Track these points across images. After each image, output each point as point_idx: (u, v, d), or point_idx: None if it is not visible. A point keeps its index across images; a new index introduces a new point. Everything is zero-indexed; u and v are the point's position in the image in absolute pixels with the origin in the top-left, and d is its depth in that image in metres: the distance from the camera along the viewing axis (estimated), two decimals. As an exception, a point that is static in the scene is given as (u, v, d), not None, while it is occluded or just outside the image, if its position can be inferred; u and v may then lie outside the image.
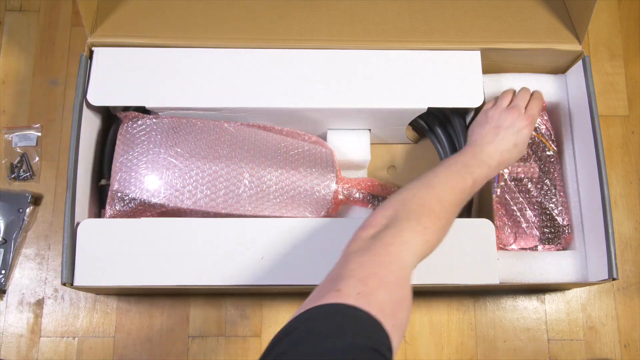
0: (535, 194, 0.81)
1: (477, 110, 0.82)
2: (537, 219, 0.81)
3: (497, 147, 0.70)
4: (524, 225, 0.80)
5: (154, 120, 0.77)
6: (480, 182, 0.66)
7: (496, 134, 0.71)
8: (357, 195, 0.81)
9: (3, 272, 0.86)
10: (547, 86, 0.84)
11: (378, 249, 0.51)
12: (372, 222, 0.56)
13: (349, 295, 0.45)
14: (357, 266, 0.49)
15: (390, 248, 0.51)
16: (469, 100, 0.79)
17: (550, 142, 0.83)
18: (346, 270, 0.49)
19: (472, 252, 0.73)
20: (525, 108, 0.77)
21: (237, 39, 0.80)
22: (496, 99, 0.79)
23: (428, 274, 0.72)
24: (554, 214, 0.81)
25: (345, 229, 0.71)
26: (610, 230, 0.74)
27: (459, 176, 0.63)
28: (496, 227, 0.78)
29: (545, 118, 0.84)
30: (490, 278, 0.72)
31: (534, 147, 0.83)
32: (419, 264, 0.72)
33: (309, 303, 0.45)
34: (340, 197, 0.80)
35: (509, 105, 0.77)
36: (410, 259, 0.52)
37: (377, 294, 0.46)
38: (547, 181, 0.82)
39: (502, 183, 0.81)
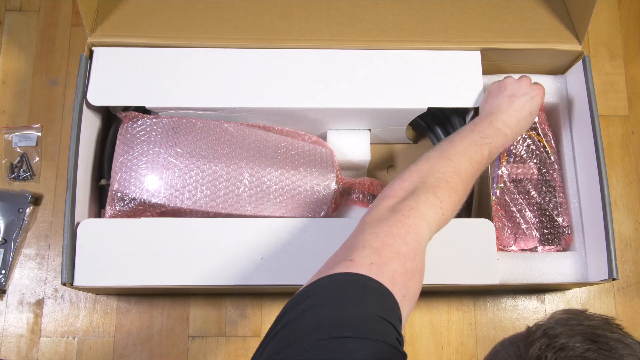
0: (534, 195, 0.81)
1: (477, 110, 0.82)
2: (537, 220, 0.80)
3: (513, 115, 0.70)
4: (523, 226, 0.80)
5: (154, 120, 0.77)
6: (496, 152, 0.67)
7: (511, 102, 0.71)
8: (357, 195, 0.81)
9: (3, 272, 0.86)
10: (546, 87, 0.84)
11: (394, 220, 0.52)
12: (390, 193, 0.56)
13: (362, 265, 0.46)
14: (372, 237, 0.50)
15: (407, 220, 0.52)
16: (469, 100, 0.79)
17: (549, 143, 0.83)
18: (361, 240, 0.50)
19: (472, 252, 0.73)
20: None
21: (237, 39, 0.80)
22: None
23: (428, 274, 0.72)
24: (554, 215, 0.80)
25: (345, 229, 0.71)
26: (610, 230, 0.74)
27: (476, 147, 0.64)
28: (496, 228, 0.78)
29: (544, 118, 0.84)
30: (490, 278, 0.72)
31: (533, 148, 0.83)
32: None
33: (324, 271, 0.47)
34: (340, 197, 0.80)
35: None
36: (426, 231, 0.53)
37: (390, 264, 0.47)
38: (546, 182, 0.82)
39: (502, 184, 0.80)
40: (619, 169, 0.94)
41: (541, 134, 0.83)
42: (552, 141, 0.83)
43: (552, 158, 0.82)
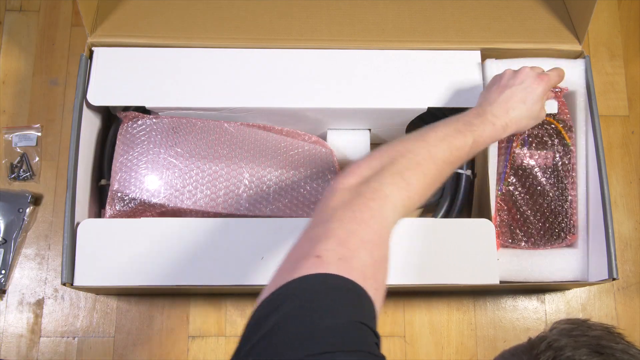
0: (544, 188, 0.78)
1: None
2: (542, 216, 0.78)
3: (502, 105, 0.66)
4: (527, 222, 0.79)
5: (154, 120, 0.77)
6: (482, 142, 0.63)
7: (501, 92, 0.68)
8: (357, 195, 0.81)
9: (3, 272, 0.86)
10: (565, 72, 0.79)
11: (358, 204, 0.49)
12: (355, 170, 0.53)
13: (330, 262, 0.43)
14: (336, 224, 0.47)
15: (371, 203, 0.49)
16: (469, 100, 0.79)
17: (567, 133, 0.78)
18: (324, 229, 0.47)
19: (472, 252, 0.73)
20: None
21: (237, 39, 0.80)
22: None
23: (428, 274, 0.72)
24: (561, 211, 0.78)
25: (345, 229, 0.71)
26: (610, 230, 0.74)
27: (458, 133, 0.60)
28: (498, 224, 0.77)
29: (561, 106, 0.78)
30: (490, 278, 0.72)
31: (550, 136, 0.77)
32: (414, 264, 0.72)
33: (290, 267, 0.43)
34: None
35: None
36: (391, 215, 0.50)
37: (358, 256, 0.45)
38: (558, 173, 0.77)
39: (510, 179, 0.78)
40: (619, 169, 0.94)
41: (560, 122, 0.78)
42: (571, 129, 0.78)
43: (568, 150, 0.77)
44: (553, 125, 0.78)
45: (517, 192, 0.78)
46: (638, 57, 0.99)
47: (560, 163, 0.77)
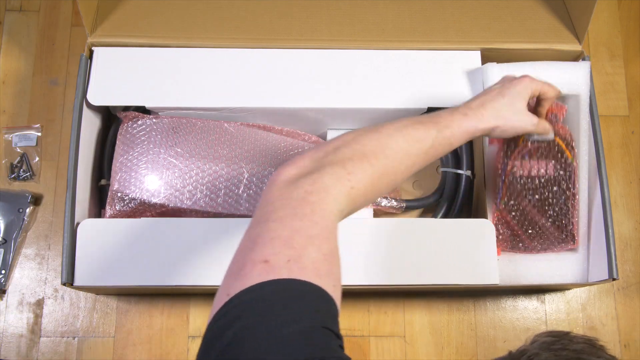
0: (543, 203, 0.75)
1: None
2: (543, 228, 0.77)
3: (477, 99, 0.63)
4: (528, 233, 0.77)
5: (154, 120, 0.77)
6: (452, 135, 0.58)
7: (480, 92, 0.66)
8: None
9: (3, 272, 0.86)
10: (565, 75, 0.79)
11: (298, 199, 0.46)
12: (296, 161, 0.50)
13: (279, 265, 0.41)
14: (277, 224, 0.44)
15: (310, 197, 0.46)
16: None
17: (569, 149, 0.74)
18: (266, 229, 0.44)
19: (472, 252, 0.73)
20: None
21: (237, 39, 0.80)
22: None
23: (428, 274, 0.72)
24: (560, 225, 0.76)
25: (345, 229, 0.71)
26: (610, 230, 0.74)
27: (419, 124, 0.56)
28: (498, 236, 0.76)
29: (562, 124, 0.74)
30: (490, 278, 0.72)
31: (552, 151, 0.74)
32: (414, 264, 0.72)
33: (237, 273, 0.42)
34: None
35: None
36: (334, 206, 0.47)
37: (306, 254, 0.42)
38: (558, 188, 0.75)
39: (507, 195, 0.75)
40: (619, 169, 0.94)
41: (562, 138, 0.73)
42: (573, 148, 0.74)
43: (570, 166, 0.74)
44: (557, 143, 0.74)
45: (515, 207, 0.76)
46: (638, 57, 0.99)
47: (562, 179, 0.74)
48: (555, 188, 0.74)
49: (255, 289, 0.40)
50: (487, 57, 0.81)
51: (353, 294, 0.86)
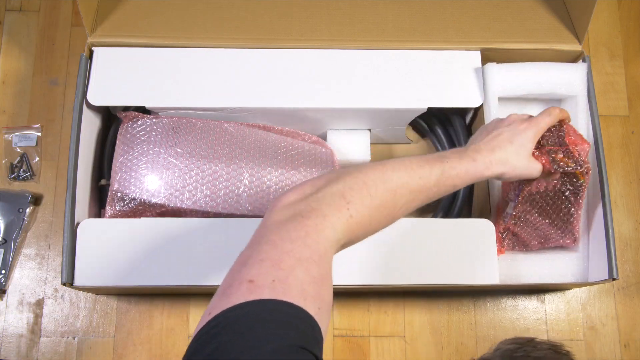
0: (547, 212, 0.74)
1: (477, 110, 0.82)
2: (546, 234, 0.77)
3: (487, 143, 0.63)
4: (531, 238, 0.77)
5: (154, 120, 0.77)
6: (457, 176, 0.58)
7: (488, 133, 0.65)
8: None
9: (3, 272, 0.86)
10: (564, 76, 0.79)
11: (294, 223, 0.46)
12: (298, 188, 0.50)
13: (264, 285, 0.41)
14: (270, 246, 0.44)
15: (307, 221, 0.46)
16: (469, 100, 0.79)
17: (584, 175, 0.69)
18: (258, 250, 0.44)
19: (472, 252, 0.73)
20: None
21: (237, 39, 0.80)
22: None
23: (428, 274, 0.72)
24: (565, 230, 0.76)
25: (345, 229, 0.71)
26: (610, 230, 0.74)
27: (424, 162, 0.56)
28: (503, 245, 0.77)
29: (575, 145, 0.68)
30: (490, 278, 0.72)
31: (564, 176, 0.69)
32: (414, 264, 0.72)
33: (224, 294, 0.42)
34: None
35: None
36: (331, 233, 0.47)
37: (293, 274, 0.42)
38: (567, 200, 0.72)
39: (518, 212, 0.73)
40: (619, 169, 0.94)
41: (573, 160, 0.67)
42: (589, 173, 0.69)
43: (581, 186, 0.70)
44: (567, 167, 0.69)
45: (522, 219, 0.75)
46: (638, 57, 0.99)
47: (571, 193, 0.71)
48: (564, 200, 0.72)
49: (237, 308, 0.40)
50: (487, 57, 0.81)
51: (353, 294, 0.86)
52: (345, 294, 0.86)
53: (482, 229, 0.74)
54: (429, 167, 0.56)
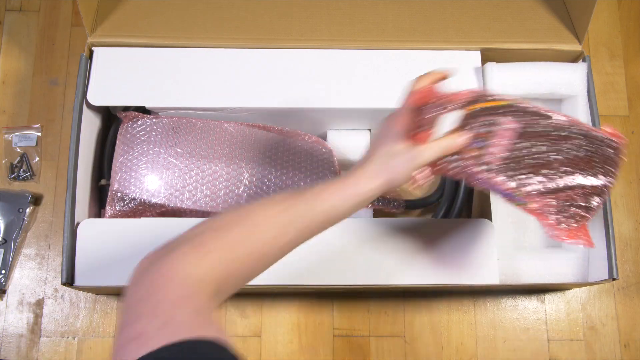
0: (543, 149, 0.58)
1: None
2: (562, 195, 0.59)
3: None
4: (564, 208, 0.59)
5: (154, 120, 0.77)
6: (327, 199, 0.53)
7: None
8: (357, 195, 0.81)
9: (3, 272, 0.86)
10: (564, 76, 0.80)
11: (152, 276, 0.47)
12: (158, 246, 0.52)
13: (152, 337, 0.41)
14: (140, 303, 0.45)
15: (162, 270, 0.47)
16: (469, 100, 0.79)
17: (496, 99, 0.57)
18: (133, 311, 0.45)
19: (472, 252, 0.73)
20: None
21: (237, 39, 0.80)
22: None
23: (428, 274, 0.72)
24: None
25: (345, 229, 0.72)
26: (610, 230, 0.74)
27: (290, 195, 0.53)
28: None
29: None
30: (490, 278, 0.72)
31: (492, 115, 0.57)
32: (414, 264, 0.72)
33: (115, 355, 0.42)
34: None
35: None
36: (190, 269, 0.47)
37: (174, 317, 0.43)
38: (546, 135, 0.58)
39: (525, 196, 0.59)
40: (619, 169, 0.94)
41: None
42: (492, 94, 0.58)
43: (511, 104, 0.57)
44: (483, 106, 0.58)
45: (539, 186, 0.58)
46: (638, 57, 0.99)
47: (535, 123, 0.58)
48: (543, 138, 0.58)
49: None
50: (487, 57, 0.81)
51: (353, 294, 0.86)
52: (345, 294, 0.86)
53: (482, 229, 0.74)
54: (293, 198, 0.53)
